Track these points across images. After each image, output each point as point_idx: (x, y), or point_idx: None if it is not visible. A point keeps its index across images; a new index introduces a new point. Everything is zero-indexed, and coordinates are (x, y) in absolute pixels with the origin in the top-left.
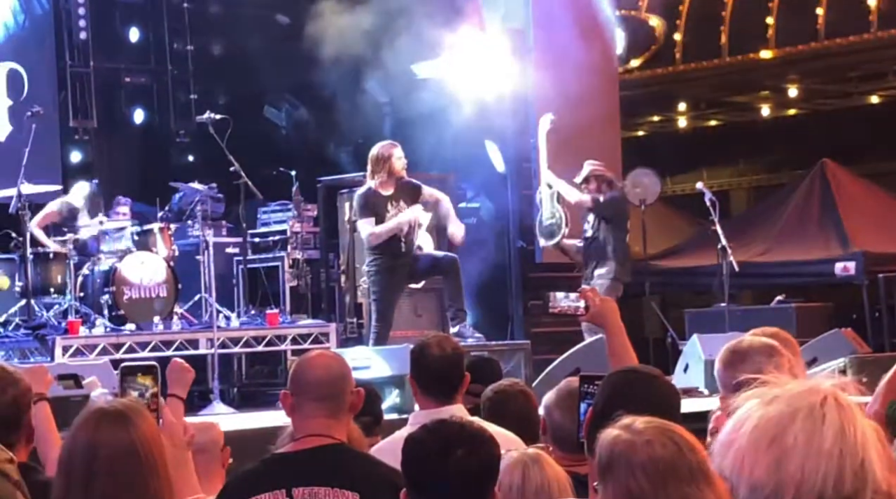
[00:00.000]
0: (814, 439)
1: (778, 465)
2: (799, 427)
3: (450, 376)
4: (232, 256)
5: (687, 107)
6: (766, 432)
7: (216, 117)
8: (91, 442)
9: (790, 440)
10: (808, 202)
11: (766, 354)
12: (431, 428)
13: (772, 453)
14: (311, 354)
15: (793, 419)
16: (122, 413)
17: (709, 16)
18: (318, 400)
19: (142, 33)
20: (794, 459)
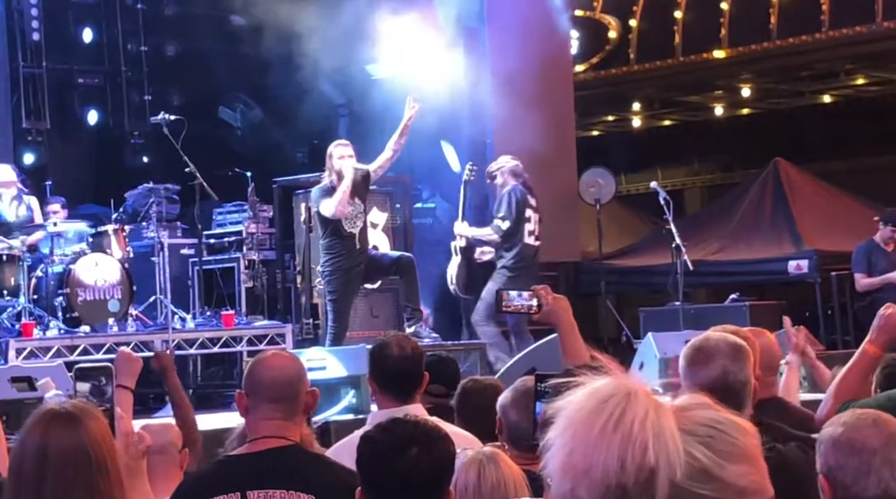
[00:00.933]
0: (593, 430)
1: (568, 458)
2: (582, 420)
3: (409, 375)
4: (187, 258)
5: (641, 106)
6: (561, 428)
7: (171, 118)
8: (41, 444)
9: (575, 433)
10: (761, 201)
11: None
12: (386, 427)
13: (565, 448)
14: (265, 354)
15: (579, 411)
16: (73, 415)
17: (662, 16)
18: (273, 401)
19: (95, 34)
20: (578, 451)
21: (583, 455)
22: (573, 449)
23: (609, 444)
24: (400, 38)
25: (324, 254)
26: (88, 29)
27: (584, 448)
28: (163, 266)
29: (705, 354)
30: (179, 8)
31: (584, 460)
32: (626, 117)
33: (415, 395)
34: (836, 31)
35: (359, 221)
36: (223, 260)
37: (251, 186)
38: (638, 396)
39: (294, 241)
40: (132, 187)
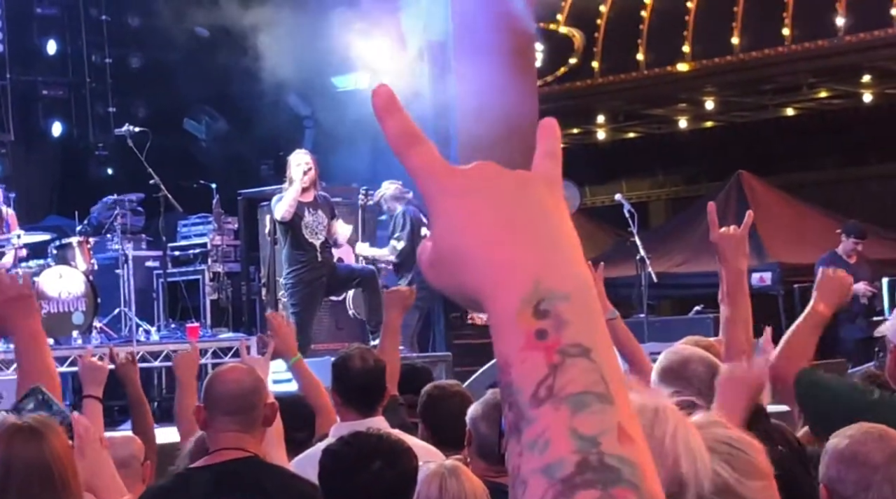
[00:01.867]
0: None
1: None
2: None
3: (372, 388)
4: (152, 270)
5: (605, 119)
6: None
7: (135, 130)
8: (4, 459)
9: None
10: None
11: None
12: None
13: None
14: (222, 368)
15: None
16: (35, 429)
17: (626, 29)
18: (230, 413)
19: (59, 45)
20: None
21: None
22: None
23: None
24: (365, 51)
25: (286, 265)
26: (52, 40)
27: None
28: (127, 278)
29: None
30: (144, 20)
31: None
32: (591, 130)
33: (377, 408)
34: (799, 45)
35: (321, 233)
36: (188, 272)
37: (216, 197)
38: (666, 411)
39: (259, 253)
40: (97, 199)
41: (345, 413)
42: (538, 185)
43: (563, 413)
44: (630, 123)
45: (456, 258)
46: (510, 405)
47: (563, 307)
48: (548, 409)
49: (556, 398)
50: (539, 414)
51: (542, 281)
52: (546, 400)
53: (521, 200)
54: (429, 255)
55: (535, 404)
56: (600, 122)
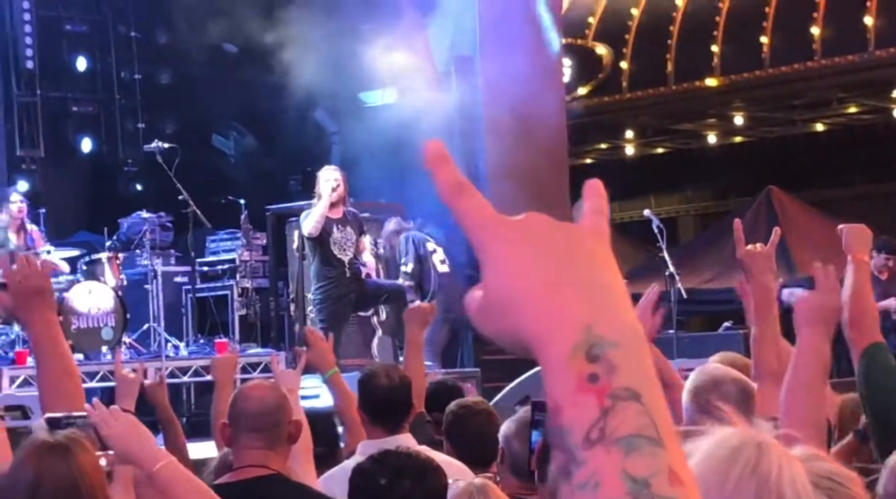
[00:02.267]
0: (728, 479)
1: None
2: (714, 470)
3: (398, 405)
4: (181, 285)
5: (634, 134)
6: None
7: (164, 146)
8: (34, 476)
9: (707, 482)
10: (754, 229)
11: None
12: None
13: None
14: (247, 385)
15: (710, 463)
16: (64, 446)
17: (655, 44)
18: (255, 431)
19: (89, 62)
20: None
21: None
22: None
23: (745, 492)
24: (393, 66)
25: (314, 281)
26: (82, 57)
27: (718, 497)
28: (156, 294)
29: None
30: (173, 36)
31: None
32: (619, 145)
33: (404, 424)
34: (829, 59)
35: (349, 249)
36: (216, 288)
37: (244, 213)
38: (770, 446)
39: (287, 268)
40: (126, 215)
41: (371, 430)
42: (587, 237)
43: (615, 455)
44: (659, 139)
45: (506, 305)
46: (560, 447)
47: (613, 353)
48: (599, 451)
49: (607, 441)
50: (590, 456)
51: (593, 328)
52: (597, 442)
53: (571, 250)
54: (478, 301)
55: (586, 446)
56: (629, 137)
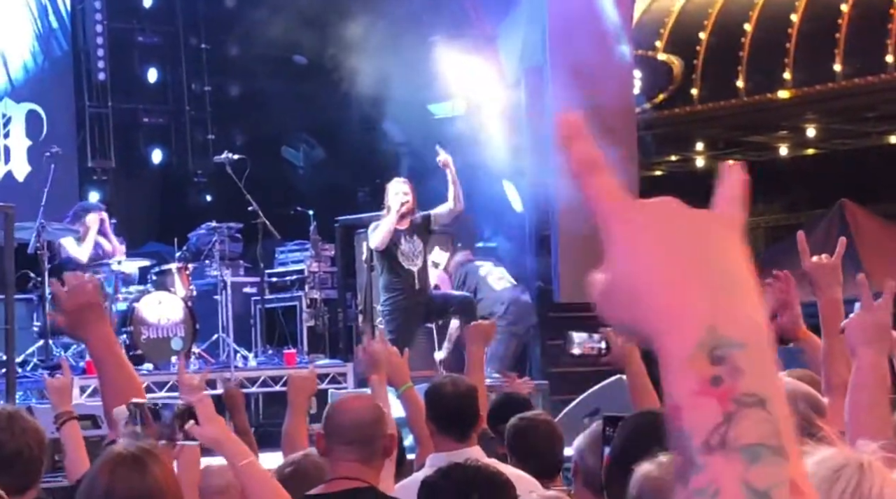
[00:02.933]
0: (830, 498)
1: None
2: (814, 488)
3: (465, 413)
4: (249, 296)
5: (704, 146)
6: None
7: (234, 157)
8: (108, 488)
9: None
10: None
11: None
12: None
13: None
14: (344, 397)
15: (813, 482)
16: (138, 458)
17: (726, 56)
18: (349, 443)
19: (160, 74)
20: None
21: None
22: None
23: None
24: (462, 78)
25: (383, 292)
26: (153, 69)
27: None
28: (225, 304)
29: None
30: (243, 48)
31: None
32: (690, 157)
33: (472, 435)
34: None
35: (418, 260)
36: (285, 298)
37: (313, 224)
38: (872, 467)
39: (356, 279)
40: (195, 226)
41: (440, 442)
42: (718, 226)
43: (736, 464)
44: (729, 151)
45: (630, 292)
46: (679, 450)
47: (738, 355)
48: (719, 458)
49: (729, 448)
50: (710, 462)
51: (718, 327)
52: (718, 448)
53: (700, 240)
54: (601, 285)
55: (706, 451)
56: (699, 149)
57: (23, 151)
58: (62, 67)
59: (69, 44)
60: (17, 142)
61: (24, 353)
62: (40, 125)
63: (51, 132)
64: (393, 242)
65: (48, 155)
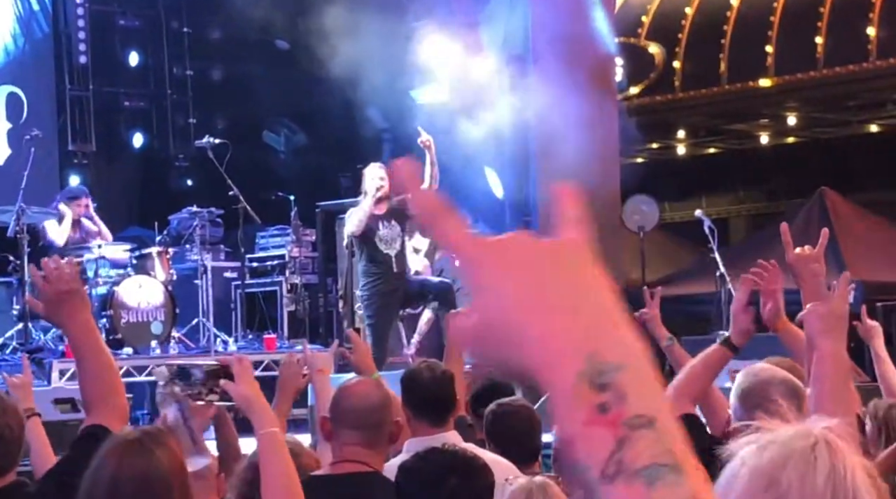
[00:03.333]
0: (806, 480)
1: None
2: (792, 470)
3: (442, 398)
4: (230, 281)
5: (686, 134)
6: (762, 477)
7: (215, 142)
8: (114, 473)
9: (784, 484)
10: (806, 231)
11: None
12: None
13: (768, 497)
14: (351, 381)
15: (785, 463)
16: (144, 443)
17: (708, 44)
18: (355, 428)
19: (141, 57)
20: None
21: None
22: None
23: (822, 495)
24: (445, 63)
25: (361, 277)
26: (135, 52)
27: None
28: (206, 289)
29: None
30: (225, 32)
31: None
32: (671, 145)
33: (448, 419)
34: (884, 60)
35: (395, 244)
36: (266, 283)
37: (294, 210)
38: (841, 446)
39: (337, 265)
40: (176, 210)
41: (416, 427)
42: (568, 253)
43: (638, 488)
44: (711, 139)
45: (503, 331)
46: (581, 484)
47: (619, 378)
48: (621, 485)
49: (627, 474)
50: (612, 491)
51: (595, 354)
52: (617, 476)
53: (558, 270)
54: (472, 330)
55: (606, 481)
56: (680, 137)
57: (3, 134)
58: (43, 50)
59: (50, 26)
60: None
61: (4, 336)
62: (20, 108)
63: (31, 115)
64: (370, 227)
65: (28, 138)
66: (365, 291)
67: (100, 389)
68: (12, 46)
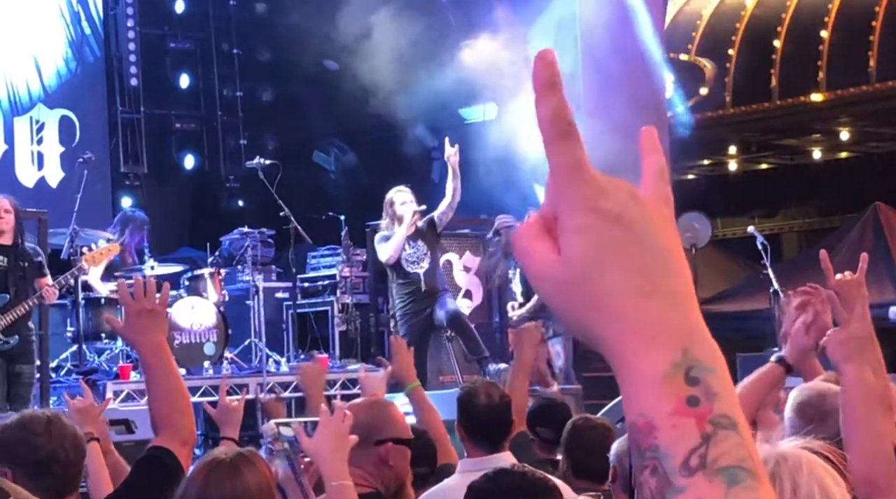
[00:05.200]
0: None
1: None
2: None
3: (498, 424)
4: (281, 301)
5: (737, 150)
6: None
7: (266, 163)
8: (199, 491)
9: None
10: (860, 246)
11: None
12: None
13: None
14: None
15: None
16: (234, 465)
17: (759, 59)
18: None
19: (192, 79)
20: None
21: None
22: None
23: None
24: (493, 83)
25: (395, 298)
26: (185, 75)
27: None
28: (257, 309)
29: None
30: (274, 54)
31: None
32: (723, 161)
33: (504, 443)
34: None
35: (423, 263)
36: (317, 304)
37: (345, 229)
38: (812, 464)
39: (388, 284)
40: (227, 231)
41: (471, 449)
42: (664, 213)
43: (718, 486)
44: (762, 154)
45: (591, 293)
46: (652, 470)
47: (711, 378)
48: (700, 479)
49: (709, 470)
50: (690, 484)
51: (690, 350)
52: (698, 470)
53: (659, 238)
54: (555, 272)
55: (685, 472)
56: (732, 153)
57: (56, 157)
58: (94, 73)
59: (101, 50)
60: (51, 148)
61: (59, 358)
62: (73, 131)
63: (83, 138)
64: None
65: (81, 161)
66: (399, 310)
67: (167, 411)
68: (65, 70)
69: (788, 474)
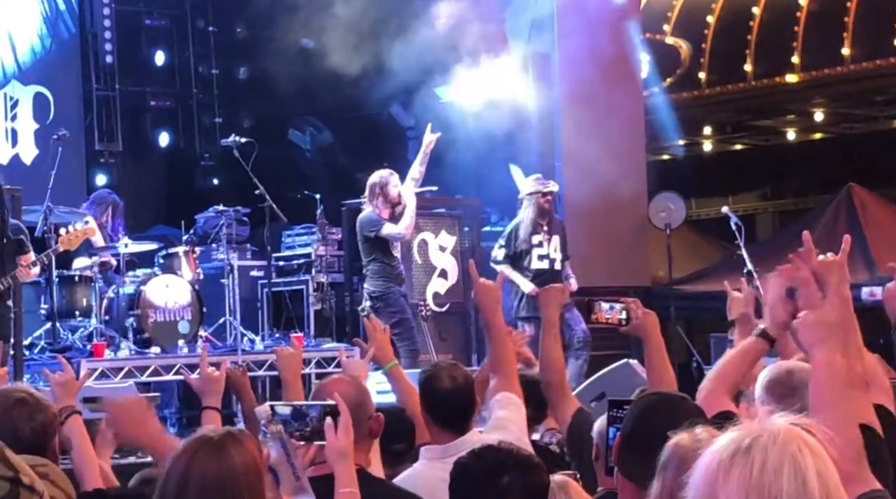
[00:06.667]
0: (744, 475)
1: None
2: (737, 467)
3: (462, 407)
4: (256, 280)
5: (712, 131)
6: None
7: (241, 141)
8: (185, 471)
9: (729, 480)
10: (834, 227)
11: None
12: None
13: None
14: (327, 380)
15: (731, 464)
16: (220, 443)
17: (734, 40)
18: None
19: (167, 57)
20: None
21: None
22: None
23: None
24: (470, 62)
25: (375, 279)
26: (160, 52)
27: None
28: (232, 288)
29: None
30: (250, 31)
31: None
32: (697, 141)
33: (469, 423)
34: None
35: (397, 248)
36: (292, 282)
37: (320, 208)
38: (799, 438)
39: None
40: (202, 209)
41: (437, 433)
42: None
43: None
44: (737, 135)
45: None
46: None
47: None
48: None
49: None
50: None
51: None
52: None
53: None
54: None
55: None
56: (707, 133)
57: (30, 134)
58: (69, 50)
59: (76, 26)
60: (25, 125)
61: (32, 336)
62: (47, 108)
63: (58, 115)
64: None
65: (55, 138)
66: (381, 290)
67: None
68: (39, 47)
69: (761, 448)
